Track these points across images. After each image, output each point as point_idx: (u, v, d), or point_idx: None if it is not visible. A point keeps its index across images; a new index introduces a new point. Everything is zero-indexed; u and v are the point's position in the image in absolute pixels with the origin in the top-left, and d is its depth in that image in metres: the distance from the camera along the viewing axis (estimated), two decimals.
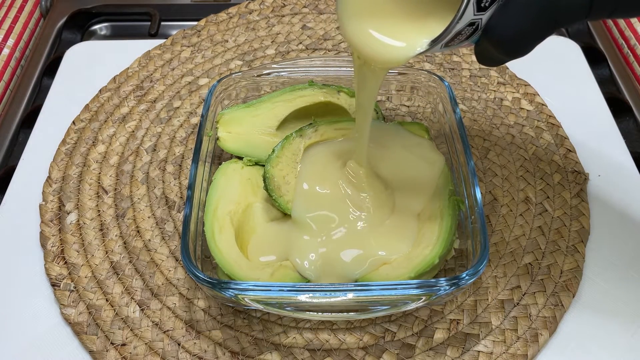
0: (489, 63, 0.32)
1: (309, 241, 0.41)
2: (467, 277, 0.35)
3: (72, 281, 0.43)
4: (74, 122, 0.54)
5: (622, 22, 0.67)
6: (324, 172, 0.45)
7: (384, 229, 0.42)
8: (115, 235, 0.46)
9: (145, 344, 0.40)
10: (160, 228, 0.47)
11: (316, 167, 0.45)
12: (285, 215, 0.44)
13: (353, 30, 0.34)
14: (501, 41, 0.30)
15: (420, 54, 0.32)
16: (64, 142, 0.53)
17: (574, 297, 0.43)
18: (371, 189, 0.44)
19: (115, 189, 0.49)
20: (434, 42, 0.30)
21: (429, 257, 0.39)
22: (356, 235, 0.42)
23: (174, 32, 0.65)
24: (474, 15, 0.29)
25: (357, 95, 0.39)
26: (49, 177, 0.50)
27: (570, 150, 0.52)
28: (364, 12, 0.34)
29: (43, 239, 0.46)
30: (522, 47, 0.30)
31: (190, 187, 0.40)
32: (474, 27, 0.30)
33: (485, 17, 0.29)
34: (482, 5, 0.28)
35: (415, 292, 0.35)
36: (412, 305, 0.37)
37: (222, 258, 0.40)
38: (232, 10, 0.66)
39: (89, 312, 0.42)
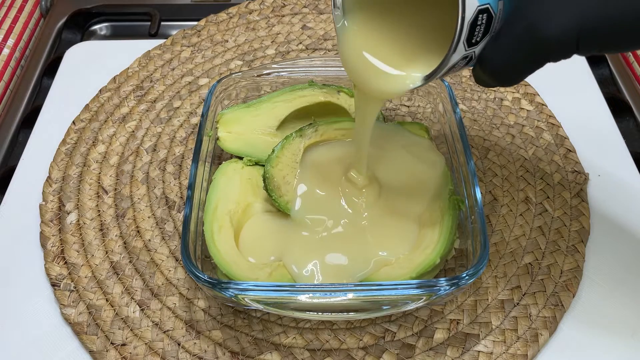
0: (485, 86, 0.33)
1: (305, 245, 0.41)
2: (467, 277, 0.35)
3: (72, 281, 0.43)
4: (74, 122, 0.54)
5: None
6: (324, 173, 0.45)
7: (384, 231, 0.42)
8: (115, 235, 0.46)
9: (145, 344, 0.40)
10: (160, 228, 0.47)
11: (316, 168, 0.45)
12: (285, 215, 0.44)
13: (353, 63, 0.35)
14: (493, 72, 0.31)
15: (417, 87, 0.33)
16: (64, 142, 0.53)
17: (574, 297, 0.43)
18: (371, 191, 0.44)
19: (115, 189, 0.49)
20: (428, 78, 0.31)
21: (431, 257, 0.39)
22: (357, 237, 0.42)
23: (174, 32, 0.65)
24: (466, 50, 0.29)
25: (357, 119, 0.40)
26: (49, 177, 0.50)
27: (570, 150, 0.52)
28: (365, 46, 0.35)
29: (43, 239, 0.46)
30: (512, 78, 0.31)
31: (190, 187, 0.40)
32: (467, 58, 0.30)
33: (478, 49, 0.30)
34: (473, 41, 0.29)
35: (415, 292, 0.35)
36: (412, 305, 0.37)
37: (220, 258, 0.40)
38: (232, 10, 0.66)
39: (89, 312, 0.42)
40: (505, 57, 0.30)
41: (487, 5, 0.28)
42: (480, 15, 0.28)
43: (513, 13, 0.29)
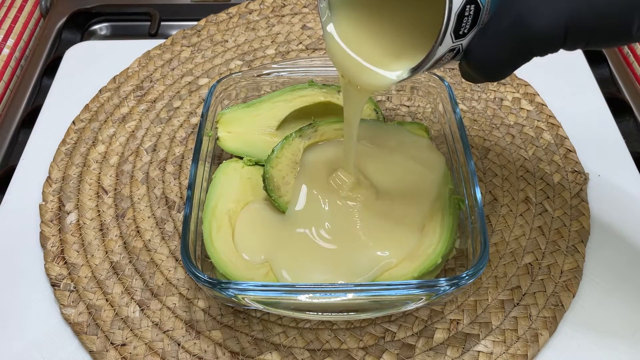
0: (472, 81, 0.33)
1: (298, 254, 0.41)
2: (467, 277, 0.35)
3: (72, 281, 0.43)
4: (74, 122, 0.54)
5: None
6: (324, 173, 0.44)
7: (385, 233, 0.42)
8: (115, 235, 0.46)
9: (145, 344, 0.40)
10: (160, 228, 0.47)
11: (316, 169, 0.45)
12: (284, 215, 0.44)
13: (339, 54, 0.35)
14: (478, 66, 0.30)
15: (403, 80, 0.33)
16: (64, 142, 0.53)
17: (574, 297, 0.43)
18: (371, 192, 0.44)
19: (115, 189, 0.49)
20: (415, 70, 0.31)
21: (432, 256, 0.39)
22: (356, 241, 0.41)
23: (174, 32, 0.65)
24: (453, 42, 0.29)
25: (344, 109, 0.40)
26: (49, 177, 0.50)
27: (570, 150, 0.52)
28: (351, 38, 0.35)
29: (43, 239, 0.46)
30: (498, 72, 0.31)
31: (190, 187, 0.40)
32: (455, 51, 0.30)
33: (465, 41, 0.30)
34: (461, 32, 0.29)
35: (415, 292, 0.35)
36: (412, 306, 0.37)
37: (217, 257, 0.40)
38: (232, 10, 0.66)
39: (89, 312, 0.42)
40: (492, 50, 0.29)
41: None
42: (468, 6, 0.28)
43: (501, 5, 0.29)
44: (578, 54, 0.61)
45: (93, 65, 0.61)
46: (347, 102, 0.39)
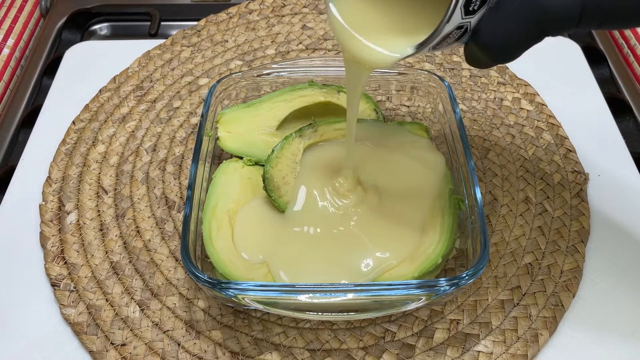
0: (477, 65, 0.32)
1: (297, 254, 0.41)
2: (467, 277, 0.35)
3: (72, 281, 0.43)
4: (74, 122, 0.54)
5: None
6: (323, 173, 0.44)
7: (386, 234, 0.41)
8: (115, 235, 0.46)
9: (145, 344, 0.40)
10: (160, 228, 0.47)
11: (316, 169, 0.45)
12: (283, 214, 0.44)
13: (342, 31, 0.34)
14: (488, 46, 0.29)
15: (408, 56, 0.32)
16: (64, 142, 0.53)
17: (574, 297, 0.43)
18: (371, 193, 0.43)
19: (115, 189, 0.49)
20: (421, 46, 0.30)
21: (432, 256, 0.39)
22: (356, 243, 0.41)
23: (174, 32, 0.65)
24: (462, 19, 0.28)
25: (346, 83, 0.39)
26: (49, 177, 0.50)
27: (570, 150, 0.52)
28: (355, 13, 0.34)
29: (43, 239, 0.46)
30: (508, 53, 0.30)
31: (190, 187, 0.40)
32: (462, 29, 0.29)
33: (474, 20, 0.29)
34: (471, 9, 0.28)
35: (415, 292, 0.35)
36: (412, 305, 0.37)
37: (217, 257, 0.40)
38: (232, 10, 0.66)
39: (89, 312, 0.42)
40: (503, 29, 0.29)
41: None
42: None
43: None
44: (578, 54, 0.61)
45: (93, 65, 0.61)
46: (350, 78, 0.38)
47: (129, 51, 0.61)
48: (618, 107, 0.58)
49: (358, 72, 0.37)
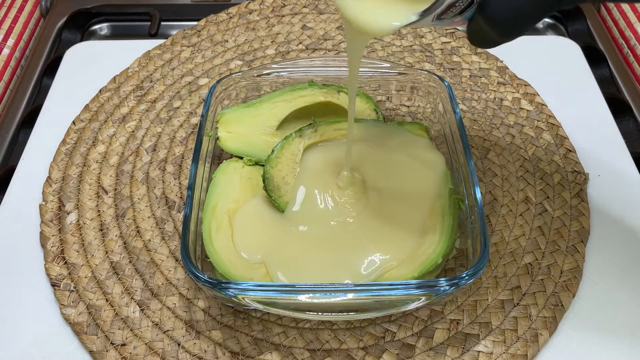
0: (481, 44, 0.30)
1: (296, 255, 0.41)
2: (467, 277, 0.35)
3: (72, 281, 0.43)
4: (74, 122, 0.54)
5: (622, 22, 0.67)
6: (323, 173, 0.44)
7: (386, 235, 0.41)
8: (115, 235, 0.46)
9: (145, 344, 0.40)
10: (160, 228, 0.47)
11: (316, 169, 0.45)
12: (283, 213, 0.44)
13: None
14: (497, 18, 0.28)
15: (412, 24, 0.31)
16: (64, 142, 0.53)
17: (574, 297, 0.43)
18: (371, 193, 0.43)
19: (115, 189, 0.49)
20: (425, 12, 0.29)
21: (432, 256, 0.39)
22: (356, 244, 0.41)
23: (174, 32, 0.65)
24: None
25: (348, 50, 0.38)
26: (49, 177, 0.50)
27: (570, 150, 0.52)
28: None
29: (43, 239, 0.46)
30: (517, 26, 0.28)
31: (190, 187, 0.40)
32: (468, 0, 0.28)
33: None
34: None
35: (415, 292, 0.35)
36: (412, 305, 0.37)
37: (217, 257, 0.40)
38: (232, 10, 0.66)
39: (89, 312, 0.42)
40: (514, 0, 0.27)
41: None
42: None
43: None
44: (578, 54, 0.61)
45: (93, 65, 0.61)
46: (350, 46, 0.37)
47: (129, 51, 0.61)
48: (618, 107, 0.58)
49: (362, 40, 0.36)
